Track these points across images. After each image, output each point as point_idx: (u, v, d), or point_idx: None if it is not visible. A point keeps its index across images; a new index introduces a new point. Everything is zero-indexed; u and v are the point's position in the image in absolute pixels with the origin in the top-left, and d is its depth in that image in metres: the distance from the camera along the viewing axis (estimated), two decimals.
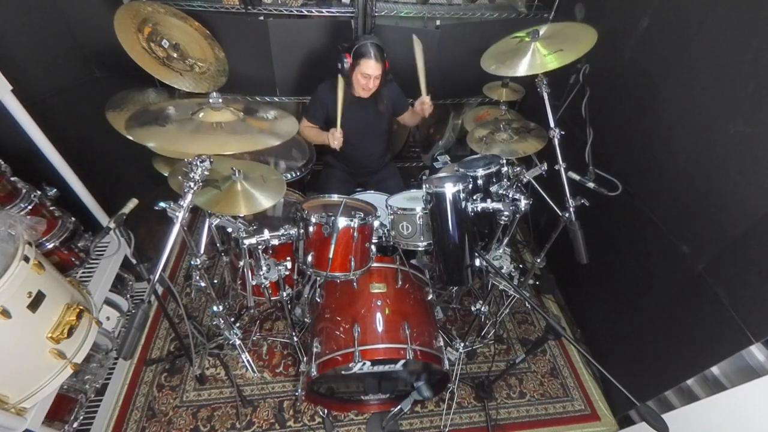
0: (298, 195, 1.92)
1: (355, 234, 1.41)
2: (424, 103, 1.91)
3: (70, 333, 1.17)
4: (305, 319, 1.81)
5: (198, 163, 1.08)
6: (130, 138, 1.08)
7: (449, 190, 1.35)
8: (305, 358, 1.61)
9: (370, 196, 1.99)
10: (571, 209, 1.39)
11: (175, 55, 1.61)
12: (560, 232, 1.50)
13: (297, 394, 1.80)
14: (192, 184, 1.07)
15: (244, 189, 1.37)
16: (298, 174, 2.07)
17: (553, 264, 2.19)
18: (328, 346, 1.50)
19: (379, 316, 1.54)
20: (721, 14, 1.27)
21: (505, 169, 1.56)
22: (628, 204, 1.64)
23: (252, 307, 2.07)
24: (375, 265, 1.61)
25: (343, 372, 1.56)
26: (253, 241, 1.33)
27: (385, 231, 1.60)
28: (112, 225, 1.40)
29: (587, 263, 1.39)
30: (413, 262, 1.86)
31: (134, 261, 1.78)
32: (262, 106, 1.36)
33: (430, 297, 1.70)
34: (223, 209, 1.32)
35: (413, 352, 1.43)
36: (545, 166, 1.47)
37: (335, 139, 1.90)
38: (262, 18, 2.00)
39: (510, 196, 1.44)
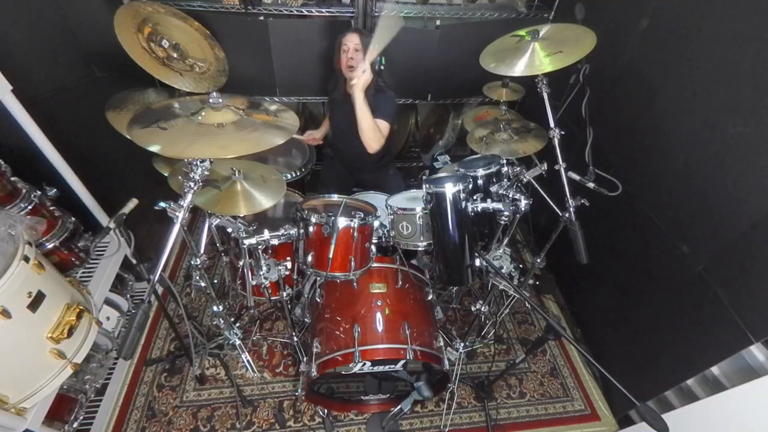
0: (298, 195, 1.93)
1: (355, 234, 1.41)
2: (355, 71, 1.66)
3: (70, 333, 1.17)
4: (305, 319, 1.81)
5: (198, 163, 1.08)
6: (132, 139, 1.08)
7: (449, 190, 1.35)
8: (305, 358, 1.61)
9: (370, 196, 1.99)
10: (571, 209, 1.39)
11: (175, 55, 1.61)
12: (560, 232, 1.50)
13: (297, 394, 1.80)
14: (192, 184, 1.07)
15: (244, 189, 1.37)
16: (298, 174, 2.07)
17: (553, 264, 2.19)
18: (328, 346, 1.50)
19: (379, 316, 1.54)
20: (721, 14, 1.27)
21: (505, 169, 1.56)
22: (628, 204, 1.64)
23: (252, 307, 2.07)
24: (375, 265, 1.61)
25: (343, 372, 1.56)
26: (253, 241, 1.33)
27: (385, 231, 1.60)
28: (112, 225, 1.40)
29: (587, 263, 1.39)
30: (413, 262, 1.86)
31: (134, 261, 1.78)
32: (263, 100, 1.35)
33: (430, 297, 1.70)
34: (223, 209, 1.32)
35: (413, 352, 1.43)
36: (545, 166, 1.47)
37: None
38: (262, 18, 2.00)
39: (510, 196, 1.44)
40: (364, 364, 1.45)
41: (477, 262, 1.41)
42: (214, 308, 1.52)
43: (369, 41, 1.71)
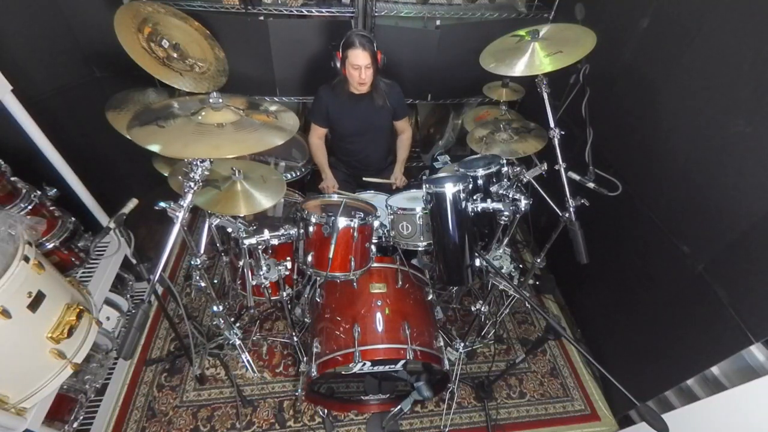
0: (298, 195, 1.93)
1: (355, 234, 1.41)
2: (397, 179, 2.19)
3: (70, 333, 1.17)
4: (305, 319, 1.81)
5: (198, 163, 1.08)
6: (131, 138, 1.08)
7: (449, 190, 1.35)
8: (305, 358, 1.61)
9: (370, 196, 1.99)
10: (571, 209, 1.39)
11: (175, 55, 1.61)
12: (560, 232, 1.50)
13: (297, 394, 1.80)
14: (192, 184, 1.07)
15: (244, 189, 1.37)
16: (298, 174, 2.07)
17: (553, 264, 2.19)
18: (328, 346, 1.50)
19: (379, 316, 1.54)
20: (721, 14, 1.27)
21: (505, 169, 1.56)
22: (628, 204, 1.64)
23: (252, 307, 2.07)
24: (375, 265, 1.61)
25: (343, 372, 1.56)
26: (253, 241, 1.33)
27: (385, 231, 1.60)
28: (112, 225, 1.40)
29: (587, 263, 1.39)
30: (413, 262, 1.86)
31: (134, 261, 1.78)
32: (263, 100, 1.35)
33: (430, 297, 1.70)
34: (223, 209, 1.32)
35: (413, 352, 1.43)
36: (545, 166, 1.47)
37: (329, 187, 2.07)
38: (262, 18, 1.99)
39: (510, 196, 1.44)
40: (364, 364, 1.45)
41: (477, 262, 1.41)
42: (214, 308, 1.51)
43: (374, 49, 1.78)
